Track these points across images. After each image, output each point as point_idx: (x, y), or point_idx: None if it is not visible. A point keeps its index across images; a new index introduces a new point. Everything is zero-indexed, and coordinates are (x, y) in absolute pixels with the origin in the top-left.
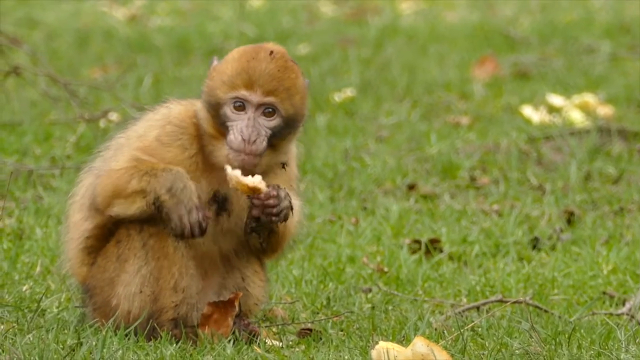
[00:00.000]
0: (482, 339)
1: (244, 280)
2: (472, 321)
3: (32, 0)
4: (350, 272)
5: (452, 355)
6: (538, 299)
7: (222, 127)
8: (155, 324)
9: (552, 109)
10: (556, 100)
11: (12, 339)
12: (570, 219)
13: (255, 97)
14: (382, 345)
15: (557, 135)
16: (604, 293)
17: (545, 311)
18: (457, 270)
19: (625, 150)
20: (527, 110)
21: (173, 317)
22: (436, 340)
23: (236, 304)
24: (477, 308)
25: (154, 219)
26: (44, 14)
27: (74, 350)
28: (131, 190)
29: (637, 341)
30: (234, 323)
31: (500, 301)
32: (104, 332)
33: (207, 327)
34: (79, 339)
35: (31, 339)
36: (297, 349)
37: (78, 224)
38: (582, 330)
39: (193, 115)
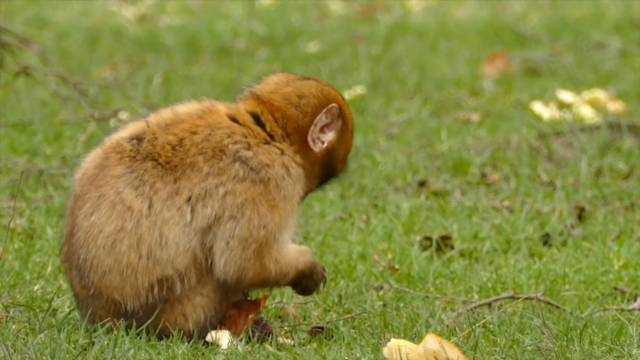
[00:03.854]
0: (494, 335)
1: None
2: (484, 318)
3: (41, 0)
4: (361, 270)
5: (463, 352)
6: (549, 295)
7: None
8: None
9: (563, 105)
10: (566, 96)
11: (24, 338)
12: (581, 214)
13: None
14: (394, 342)
15: (567, 131)
16: (616, 289)
17: (557, 307)
18: (469, 266)
19: (636, 146)
20: (538, 107)
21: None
22: (448, 337)
23: (262, 305)
24: (489, 305)
25: None
26: (54, 13)
27: (85, 350)
28: (287, 281)
29: None
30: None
31: (512, 297)
32: (115, 332)
33: (223, 325)
34: (90, 338)
35: (43, 338)
36: (309, 347)
37: (168, 264)
38: (593, 326)
39: (292, 159)
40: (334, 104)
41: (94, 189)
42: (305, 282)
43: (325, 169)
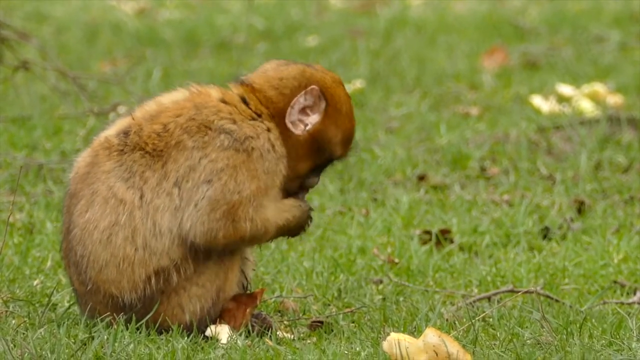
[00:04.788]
0: (494, 329)
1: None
2: (483, 311)
3: None
4: (361, 264)
5: (463, 346)
6: (549, 288)
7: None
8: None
9: (562, 99)
10: (565, 89)
11: (23, 333)
12: (580, 208)
13: None
14: (394, 336)
15: (566, 124)
16: (615, 282)
17: (557, 301)
18: (468, 260)
19: (635, 139)
20: (537, 100)
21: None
22: (447, 331)
23: (259, 298)
24: (488, 298)
25: None
26: (53, 8)
27: (85, 345)
28: (269, 238)
29: None
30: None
31: (511, 291)
32: (115, 326)
33: (222, 319)
34: (90, 333)
35: (42, 333)
36: (308, 341)
37: (160, 252)
38: (593, 320)
39: (278, 138)
40: (313, 86)
41: (87, 186)
42: (289, 232)
43: (316, 153)
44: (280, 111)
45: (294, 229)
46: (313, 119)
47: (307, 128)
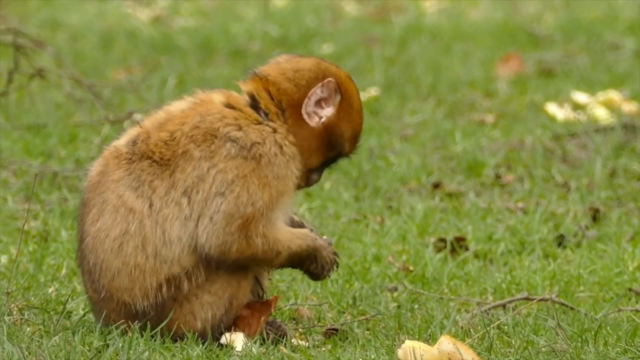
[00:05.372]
0: (509, 336)
1: None
2: (498, 319)
3: (55, 2)
4: (375, 271)
5: (478, 354)
6: (564, 296)
7: (317, 163)
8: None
9: (577, 106)
10: (581, 97)
11: (38, 341)
12: (595, 215)
13: None
14: (409, 344)
15: (581, 132)
16: (630, 290)
17: (571, 308)
18: (483, 268)
19: None
20: (552, 108)
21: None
22: (462, 339)
23: (274, 305)
24: (503, 306)
25: None
26: (68, 15)
27: (100, 352)
28: (281, 260)
29: None
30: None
31: (526, 299)
32: (130, 334)
33: (237, 327)
34: (105, 340)
35: (57, 341)
36: (323, 349)
37: (172, 260)
38: (608, 327)
39: (286, 137)
40: (330, 79)
41: (97, 195)
42: (309, 266)
43: (327, 147)
44: (295, 103)
45: (311, 262)
46: (328, 111)
47: (322, 120)
